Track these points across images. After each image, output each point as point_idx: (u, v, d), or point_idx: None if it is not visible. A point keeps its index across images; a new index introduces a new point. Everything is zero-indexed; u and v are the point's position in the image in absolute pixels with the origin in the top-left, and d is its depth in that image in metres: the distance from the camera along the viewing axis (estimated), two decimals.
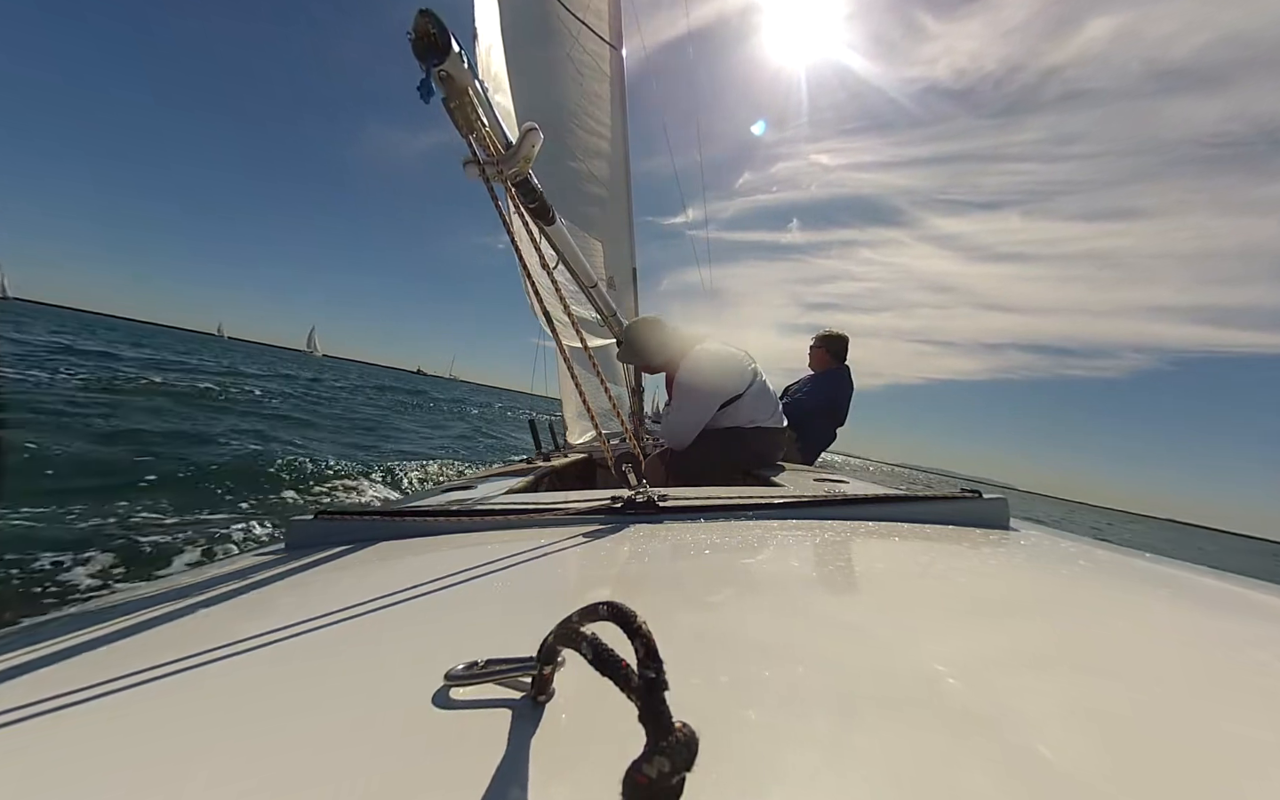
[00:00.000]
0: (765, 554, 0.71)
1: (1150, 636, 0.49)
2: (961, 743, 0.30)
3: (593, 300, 2.14)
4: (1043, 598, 0.60)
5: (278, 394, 12.97)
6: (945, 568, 0.69)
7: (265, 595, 0.61)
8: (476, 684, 0.36)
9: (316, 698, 0.37)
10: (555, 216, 1.59)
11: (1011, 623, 0.51)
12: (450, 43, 1.02)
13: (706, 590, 0.58)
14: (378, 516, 0.87)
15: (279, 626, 0.48)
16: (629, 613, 0.26)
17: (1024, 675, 0.39)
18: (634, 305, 3.78)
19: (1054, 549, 0.78)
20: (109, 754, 0.32)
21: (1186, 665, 0.43)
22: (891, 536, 0.80)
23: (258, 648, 0.45)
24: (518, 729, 0.31)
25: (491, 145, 1.20)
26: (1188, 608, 0.60)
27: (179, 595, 0.61)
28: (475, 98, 1.11)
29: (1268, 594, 0.62)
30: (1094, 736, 0.31)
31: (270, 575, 0.67)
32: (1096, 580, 0.66)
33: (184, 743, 0.33)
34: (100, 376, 10.08)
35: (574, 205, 3.34)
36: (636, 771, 0.21)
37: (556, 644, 0.31)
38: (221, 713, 0.36)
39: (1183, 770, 0.29)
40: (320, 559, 0.74)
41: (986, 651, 0.43)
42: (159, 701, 0.38)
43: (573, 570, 0.69)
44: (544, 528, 0.84)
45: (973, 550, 0.76)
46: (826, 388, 3.42)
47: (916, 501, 0.95)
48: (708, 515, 0.91)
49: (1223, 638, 0.51)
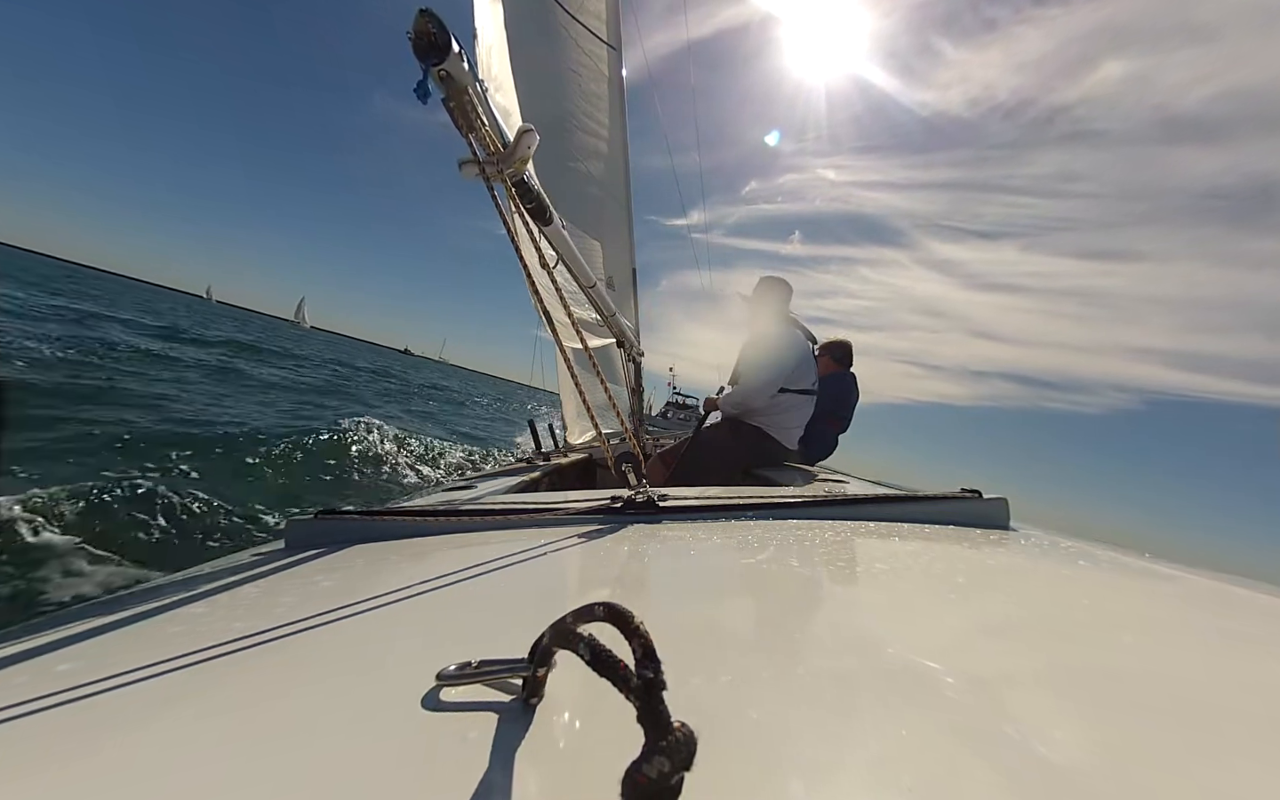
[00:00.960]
0: (765, 554, 0.71)
1: (1150, 636, 0.49)
2: (962, 742, 0.30)
3: (592, 300, 2.14)
4: (1043, 598, 0.60)
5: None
6: (946, 568, 0.69)
7: (264, 594, 0.61)
8: (468, 685, 0.36)
9: (309, 698, 0.37)
10: (554, 217, 1.59)
11: (1012, 622, 0.51)
12: (450, 42, 1.02)
13: (705, 590, 0.58)
14: (377, 516, 0.87)
15: (276, 625, 0.48)
16: (626, 613, 0.26)
17: (1024, 675, 0.39)
18: (634, 305, 3.78)
19: (1054, 549, 0.78)
20: (106, 752, 0.32)
21: (1186, 664, 0.43)
22: (891, 536, 0.80)
23: (254, 646, 0.45)
24: (506, 732, 0.31)
25: (491, 144, 1.20)
26: (1187, 607, 0.60)
27: (177, 593, 0.61)
28: (475, 97, 1.11)
29: (1267, 594, 0.62)
30: (1094, 736, 0.31)
31: (269, 574, 0.67)
32: (1097, 580, 0.66)
33: (179, 741, 0.33)
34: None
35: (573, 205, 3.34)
36: (636, 771, 0.21)
37: (551, 645, 0.31)
38: (216, 711, 0.36)
39: (1182, 769, 0.29)
40: (319, 558, 0.74)
41: (987, 651, 0.43)
42: (155, 700, 0.38)
43: (572, 570, 0.69)
44: (543, 528, 0.84)
45: (973, 550, 0.76)
46: (831, 392, 3.44)
47: (917, 501, 0.95)
48: (707, 515, 0.91)
49: (1222, 637, 0.51)
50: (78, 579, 2.76)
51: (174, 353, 11.93)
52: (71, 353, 8.51)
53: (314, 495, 5.00)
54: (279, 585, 0.64)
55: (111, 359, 9.19)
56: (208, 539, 3.52)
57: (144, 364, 9.59)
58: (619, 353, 3.45)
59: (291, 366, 17.42)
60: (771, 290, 2.67)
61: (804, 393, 2.49)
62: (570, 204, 3.32)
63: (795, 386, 2.43)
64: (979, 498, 0.94)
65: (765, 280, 2.74)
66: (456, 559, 0.68)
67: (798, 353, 2.46)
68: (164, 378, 8.73)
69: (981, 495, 0.95)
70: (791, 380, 2.42)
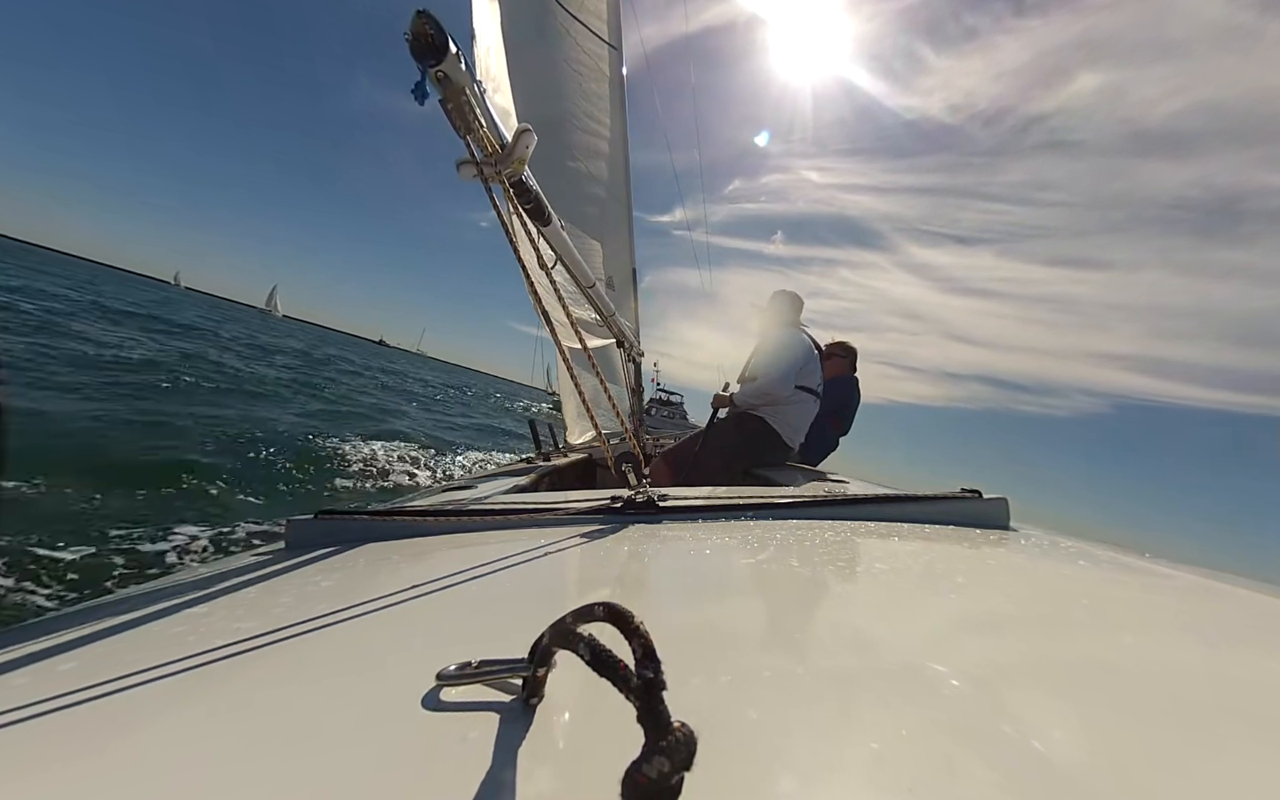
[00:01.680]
0: (765, 554, 0.71)
1: (1150, 636, 0.49)
2: (962, 742, 0.30)
3: (591, 300, 2.14)
4: (1043, 597, 0.60)
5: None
6: (946, 567, 0.69)
7: (264, 595, 0.61)
8: (468, 685, 0.36)
9: (310, 698, 0.37)
10: (552, 217, 1.59)
11: (1012, 622, 0.51)
12: (448, 43, 1.02)
13: (705, 590, 0.58)
14: (377, 516, 0.87)
15: (276, 626, 0.48)
16: (626, 613, 0.26)
17: (1024, 674, 0.39)
18: (634, 305, 3.78)
19: (1054, 549, 0.78)
20: (110, 752, 0.32)
21: (1186, 664, 0.43)
22: (891, 536, 0.80)
23: (255, 648, 0.45)
24: (506, 732, 0.31)
25: (489, 145, 1.20)
26: (1187, 607, 0.60)
27: (178, 595, 0.61)
28: (472, 98, 1.11)
29: (1266, 594, 0.62)
30: (1093, 735, 0.31)
31: (269, 575, 0.67)
32: (1096, 580, 0.66)
33: (180, 742, 0.33)
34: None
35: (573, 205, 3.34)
36: (636, 771, 0.21)
37: (551, 645, 0.31)
38: (217, 711, 0.36)
39: (1181, 769, 0.29)
40: (319, 559, 0.74)
41: (987, 651, 0.43)
42: (157, 701, 0.38)
43: (572, 570, 0.69)
44: (543, 528, 0.84)
45: (973, 550, 0.76)
46: (836, 393, 3.45)
47: (917, 501, 0.95)
48: (707, 515, 0.91)
49: (1223, 637, 0.51)
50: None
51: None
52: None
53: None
54: (279, 586, 0.64)
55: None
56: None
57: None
58: (619, 353, 3.45)
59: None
60: (784, 300, 2.90)
61: (809, 392, 2.60)
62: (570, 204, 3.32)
63: (802, 383, 2.56)
64: (979, 498, 0.94)
65: (779, 293, 2.94)
66: (457, 559, 0.68)
67: (806, 351, 2.62)
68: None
69: (981, 495, 0.95)
70: (801, 377, 2.54)
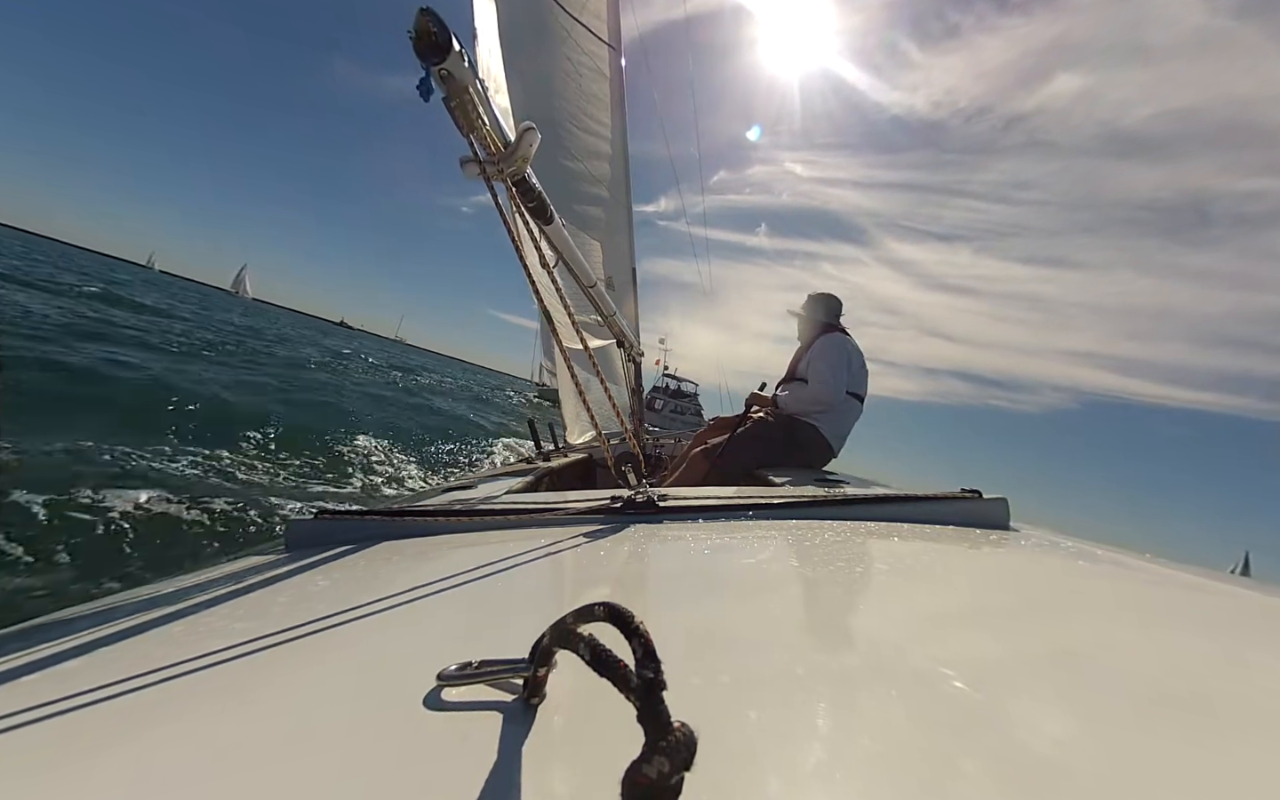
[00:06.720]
0: (765, 554, 0.71)
1: (1150, 636, 0.49)
2: (962, 742, 0.30)
3: (592, 300, 2.14)
4: (1043, 597, 0.60)
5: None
6: (946, 568, 0.69)
7: (264, 595, 0.61)
8: (468, 685, 0.36)
9: (310, 698, 0.37)
10: (554, 216, 1.59)
11: (1012, 622, 0.51)
12: (451, 41, 1.02)
13: (705, 590, 0.58)
14: (378, 516, 0.87)
15: (277, 627, 0.48)
16: (626, 613, 0.26)
17: (1024, 675, 0.39)
18: (634, 305, 3.78)
19: (1054, 549, 0.78)
20: (111, 755, 0.32)
21: (1185, 664, 0.43)
22: (891, 536, 0.80)
23: (256, 649, 0.45)
24: (508, 731, 0.31)
25: (492, 144, 1.20)
26: (1187, 607, 0.60)
27: (178, 596, 0.61)
28: (476, 96, 1.11)
29: (1265, 594, 0.62)
30: (1093, 735, 0.31)
31: (270, 575, 0.67)
32: (1096, 580, 0.66)
33: (180, 743, 0.33)
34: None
35: (573, 205, 3.34)
36: (636, 771, 0.21)
37: (552, 645, 0.31)
38: (218, 713, 0.36)
39: (1181, 769, 0.29)
40: (320, 559, 0.74)
41: (987, 651, 0.43)
42: (156, 703, 0.38)
43: (572, 570, 0.69)
44: (543, 528, 0.84)
45: (973, 550, 0.76)
46: None
47: (916, 501, 0.95)
48: (707, 515, 0.91)
49: (1221, 637, 0.51)
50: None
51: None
52: None
53: None
54: (279, 586, 0.64)
55: None
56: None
57: None
58: (619, 353, 3.45)
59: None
60: (824, 302, 2.83)
61: (857, 398, 2.53)
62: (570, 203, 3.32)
63: (852, 389, 2.49)
64: (979, 498, 0.94)
65: (818, 294, 2.88)
66: (457, 559, 0.68)
67: (856, 356, 2.57)
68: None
69: (981, 495, 0.95)
70: (851, 382, 2.48)
